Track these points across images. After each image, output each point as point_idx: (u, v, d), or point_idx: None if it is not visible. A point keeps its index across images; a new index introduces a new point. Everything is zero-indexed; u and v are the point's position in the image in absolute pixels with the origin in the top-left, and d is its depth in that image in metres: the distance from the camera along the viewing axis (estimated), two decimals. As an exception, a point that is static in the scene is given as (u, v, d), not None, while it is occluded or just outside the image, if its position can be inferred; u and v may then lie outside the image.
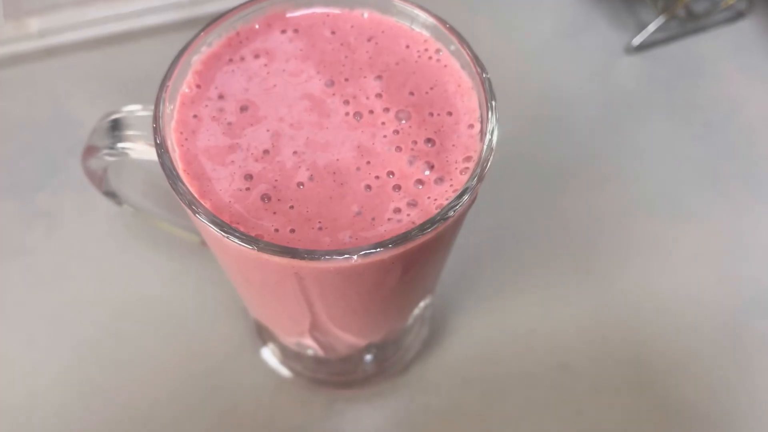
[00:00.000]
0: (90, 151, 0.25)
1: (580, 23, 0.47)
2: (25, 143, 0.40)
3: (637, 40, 0.45)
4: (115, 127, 0.25)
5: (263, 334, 0.35)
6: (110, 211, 0.38)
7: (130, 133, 0.25)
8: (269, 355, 0.35)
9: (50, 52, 0.43)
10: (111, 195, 0.28)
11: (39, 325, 0.35)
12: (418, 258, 0.22)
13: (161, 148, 0.21)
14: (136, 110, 0.25)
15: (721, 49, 0.46)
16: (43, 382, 0.34)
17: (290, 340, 0.30)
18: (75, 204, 0.39)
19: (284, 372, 0.34)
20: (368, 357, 0.35)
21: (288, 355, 0.35)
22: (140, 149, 0.24)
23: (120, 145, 0.24)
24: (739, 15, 0.47)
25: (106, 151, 0.24)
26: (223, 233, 0.19)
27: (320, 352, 0.31)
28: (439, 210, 0.20)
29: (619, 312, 0.37)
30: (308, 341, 0.29)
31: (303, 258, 0.19)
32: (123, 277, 0.37)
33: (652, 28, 0.44)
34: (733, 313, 0.37)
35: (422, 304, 0.31)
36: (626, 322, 0.37)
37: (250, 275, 0.22)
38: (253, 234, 0.20)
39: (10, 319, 0.35)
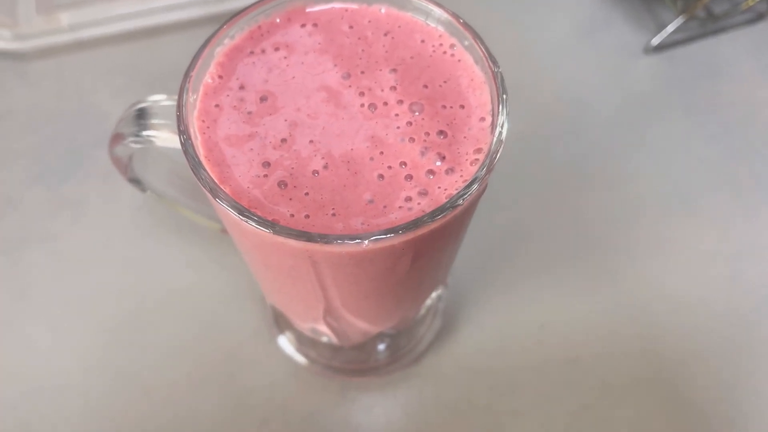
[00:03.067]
0: (116, 138, 0.26)
1: (598, 23, 0.47)
2: (52, 134, 0.42)
3: (656, 41, 0.45)
4: (141, 116, 0.26)
5: (280, 323, 0.36)
6: (134, 200, 0.39)
7: (155, 121, 0.26)
8: (285, 342, 0.36)
9: (79, 46, 0.44)
10: (135, 182, 0.29)
11: (62, 311, 0.36)
12: (428, 245, 0.22)
13: (184, 135, 0.22)
14: (161, 100, 0.26)
15: (741, 50, 0.46)
16: (65, 365, 0.35)
17: (305, 326, 0.31)
18: (100, 193, 0.40)
19: (299, 359, 0.35)
20: (381, 347, 0.36)
21: (303, 342, 0.35)
22: (164, 137, 0.25)
23: (145, 133, 0.25)
24: (759, 17, 0.47)
25: (131, 138, 0.25)
26: (242, 217, 0.20)
27: (334, 340, 0.32)
28: (448, 199, 0.21)
29: (629, 309, 0.37)
30: (322, 328, 0.30)
31: (316, 241, 0.20)
32: (145, 264, 0.38)
33: (671, 28, 0.44)
34: (746, 313, 0.37)
35: (434, 294, 0.32)
36: (637, 319, 0.37)
37: (268, 260, 0.23)
38: (269, 218, 0.21)
39: (34, 304, 0.37)
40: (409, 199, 0.22)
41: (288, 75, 0.24)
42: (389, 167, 0.22)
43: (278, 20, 0.25)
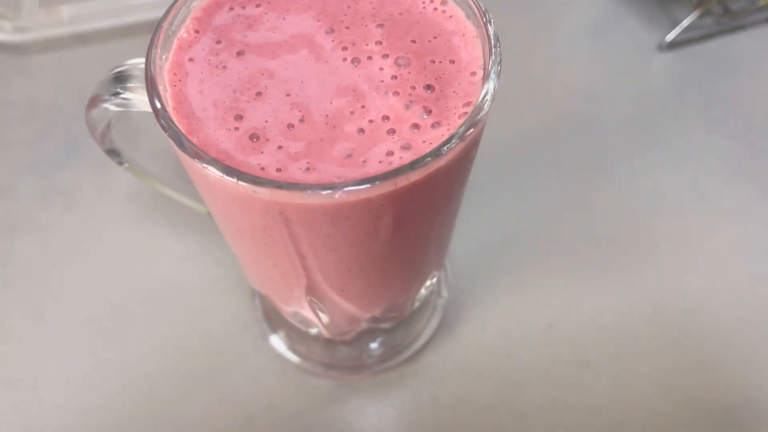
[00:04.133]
0: (93, 101, 0.25)
1: (611, 21, 0.46)
2: (49, 125, 0.41)
3: (671, 36, 0.43)
4: (119, 79, 0.24)
5: (271, 318, 0.34)
6: (126, 191, 0.38)
7: (132, 84, 0.24)
8: (276, 340, 0.34)
9: (80, 40, 0.44)
10: (113, 153, 0.28)
11: (48, 300, 0.35)
12: (410, 206, 0.20)
13: (151, 85, 0.20)
14: (139, 63, 0.24)
15: (760, 48, 0.44)
16: (49, 355, 0.33)
17: (290, 311, 0.29)
18: (92, 184, 0.39)
19: (289, 356, 0.33)
20: (375, 344, 0.34)
21: (294, 338, 0.34)
22: (143, 100, 0.24)
23: (123, 95, 0.24)
24: (780, 15, 0.45)
25: (108, 100, 0.24)
26: (205, 166, 0.19)
27: (323, 330, 0.30)
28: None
29: (644, 309, 0.35)
30: (307, 312, 0.28)
31: (283, 189, 0.18)
32: (135, 256, 0.36)
33: (686, 23, 0.43)
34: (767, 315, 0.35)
35: (428, 283, 0.30)
36: (652, 320, 0.34)
37: (239, 222, 0.22)
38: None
39: (21, 292, 0.35)
40: (390, 153, 0.20)
41: (268, 30, 0.23)
42: (370, 121, 0.20)
43: (261, -24, 0.24)
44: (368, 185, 0.18)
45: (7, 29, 0.43)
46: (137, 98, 0.24)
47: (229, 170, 0.18)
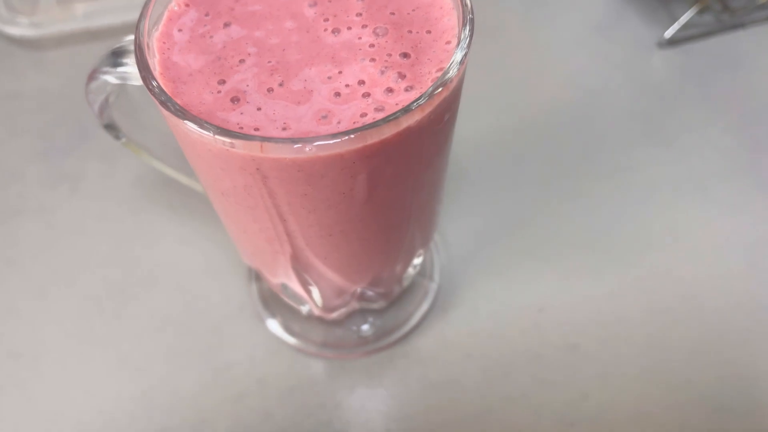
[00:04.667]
0: (92, 74, 0.26)
1: (612, 18, 0.46)
2: (60, 115, 0.42)
3: (669, 33, 0.44)
4: (117, 54, 0.26)
5: (267, 302, 0.35)
6: (129, 178, 0.39)
7: (129, 59, 0.25)
8: (271, 320, 0.34)
9: (92, 35, 0.46)
10: (111, 128, 0.29)
11: (51, 277, 0.36)
12: (382, 166, 0.21)
13: (139, 50, 0.21)
14: (135, 38, 0.26)
15: (759, 45, 0.45)
16: (50, 330, 0.35)
17: (278, 283, 0.29)
18: (97, 170, 0.40)
19: (283, 336, 0.34)
20: (366, 325, 0.34)
21: (288, 319, 0.34)
22: (137, 72, 0.25)
23: (120, 69, 0.25)
24: (781, 13, 0.46)
25: (106, 73, 0.25)
26: (185, 121, 0.20)
27: (311, 303, 0.30)
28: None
29: (636, 295, 0.35)
30: (296, 285, 0.28)
31: (255, 140, 0.19)
32: (136, 238, 0.37)
33: (684, 19, 0.43)
34: (762, 304, 0.34)
35: (415, 261, 0.31)
36: (644, 306, 0.35)
37: (222, 183, 0.22)
38: (216, 127, 0.20)
39: (25, 270, 0.36)
40: (364, 114, 0.21)
41: (254, 3, 0.24)
42: (347, 85, 0.21)
43: (250, -46, 0.25)
44: (338, 140, 0.19)
45: (24, 24, 0.44)
46: (134, 71, 0.25)
47: (206, 125, 0.19)
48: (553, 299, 0.35)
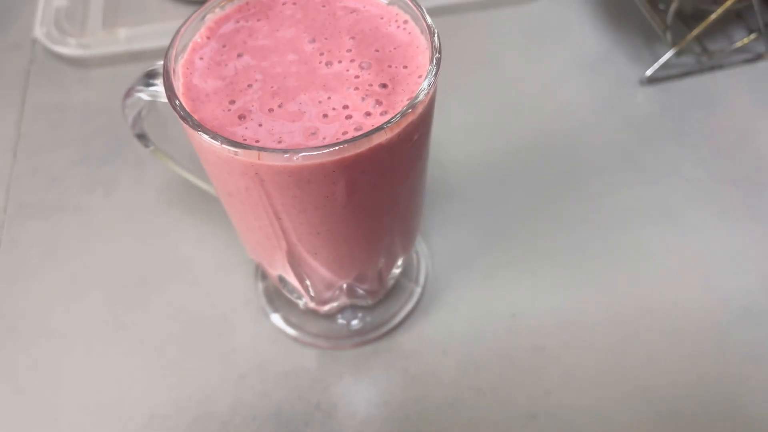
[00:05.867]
0: (129, 92, 0.31)
1: (601, 55, 0.51)
2: (99, 127, 0.48)
3: (650, 72, 0.48)
4: (150, 75, 0.31)
5: (270, 298, 0.40)
6: (156, 185, 0.45)
7: (160, 80, 0.30)
8: (272, 313, 0.39)
9: (133, 57, 0.51)
10: (141, 137, 0.34)
11: (84, 268, 0.41)
12: (360, 175, 0.25)
13: (166, 74, 0.26)
14: (166, 63, 0.31)
15: (736, 86, 0.48)
16: (79, 314, 0.39)
17: (275, 275, 0.34)
18: (130, 177, 0.45)
19: (282, 327, 0.38)
20: (355, 321, 0.38)
21: (287, 312, 0.39)
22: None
23: (152, 88, 0.30)
24: (757, 57, 0.49)
25: (140, 89, 0.30)
26: (200, 132, 0.24)
27: (306, 296, 0.35)
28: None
29: (601, 307, 0.39)
30: (292, 278, 0.33)
31: (253, 150, 0.23)
32: (160, 237, 0.42)
33: (662, 60, 0.47)
34: (716, 321, 0.38)
35: (399, 262, 0.35)
36: (607, 317, 0.38)
37: (228, 184, 0.27)
38: (224, 139, 0.25)
39: (61, 261, 0.42)
40: (345, 132, 0.25)
41: (264, 38, 0.28)
42: (333, 108, 0.26)
43: (264, -2, 0.30)
44: (320, 152, 0.24)
45: (72, 45, 0.50)
46: (163, 90, 0.30)
47: (216, 136, 0.24)
48: (525, 306, 0.39)
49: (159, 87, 0.30)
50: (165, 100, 0.30)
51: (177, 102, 0.25)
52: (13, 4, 0.56)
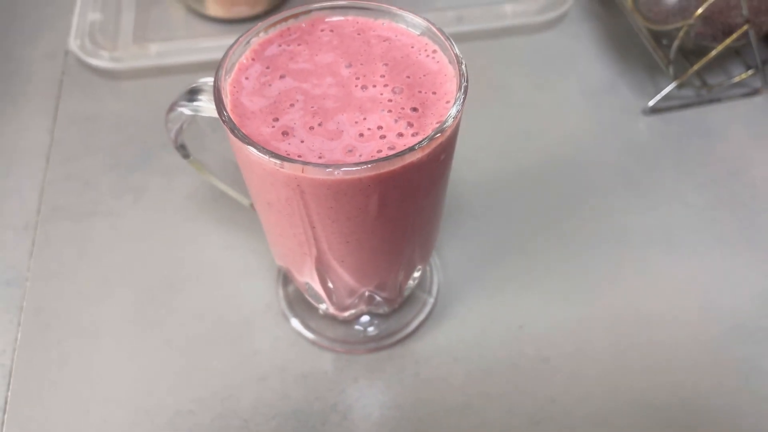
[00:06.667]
0: (172, 107, 0.34)
1: (605, 86, 0.54)
2: (130, 136, 0.50)
3: (652, 102, 0.51)
4: (192, 92, 0.33)
5: (291, 302, 0.42)
6: (184, 192, 0.47)
7: (202, 96, 0.33)
8: (293, 318, 0.41)
9: (163, 71, 0.54)
10: (182, 148, 0.36)
11: (114, 270, 0.43)
12: (392, 190, 0.28)
13: (217, 91, 0.29)
14: (208, 81, 0.33)
15: (734, 118, 0.51)
16: (109, 313, 0.42)
17: (302, 281, 0.36)
18: (158, 184, 0.48)
19: (302, 331, 0.41)
20: (371, 328, 0.41)
21: (307, 317, 0.41)
22: (209, 108, 0.33)
23: (194, 103, 0.33)
24: (755, 92, 0.52)
25: (183, 104, 0.33)
26: (249, 146, 0.27)
27: (327, 301, 0.37)
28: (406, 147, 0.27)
29: (603, 322, 0.41)
30: (317, 285, 0.35)
31: (298, 163, 0.26)
32: (186, 242, 0.45)
33: (664, 92, 0.50)
34: (714, 336, 0.40)
35: (415, 274, 0.37)
36: (609, 331, 0.41)
37: (269, 194, 0.29)
38: (270, 153, 0.27)
39: (91, 262, 0.44)
40: (380, 151, 0.28)
41: (304, 62, 0.31)
42: (368, 129, 0.28)
43: (303, 24, 0.32)
44: (358, 167, 0.26)
45: (105, 58, 0.53)
46: (204, 106, 0.33)
47: (264, 150, 0.26)
48: (532, 318, 0.41)
49: (201, 103, 0.33)
50: (206, 114, 0.33)
51: (226, 116, 0.28)
52: (48, 16, 0.59)
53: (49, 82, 0.54)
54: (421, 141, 0.27)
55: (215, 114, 0.30)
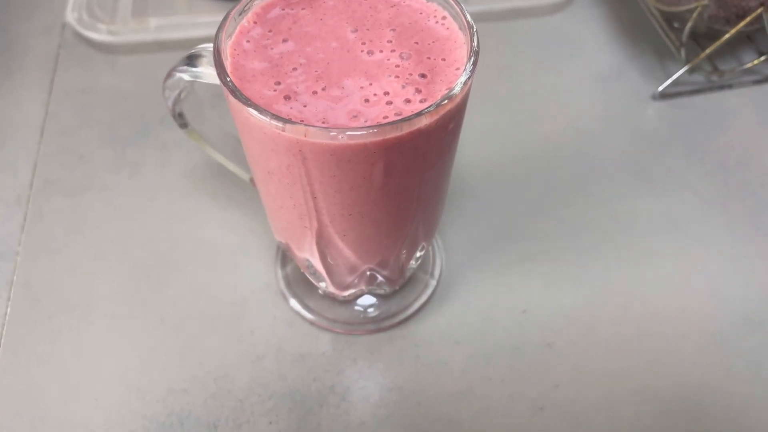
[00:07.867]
0: (170, 73, 0.32)
1: (615, 71, 0.52)
2: (126, 111, 0.49)
3: (662, 87, 0.49)
4: (191, 57, 0.32)
5: (290, 282, 0.41)
6: (181, 168, 0.46)
7: (200, 62, 0.32)
8: (291, 297, 0.40)
9: (161, 46, 0.52)
10: (179, 116, 0.35)
11: (108, 247, 0.42)
12: (396, 159, 0.27)
13: (217, 52, 0.28)
14: (208, 47, 0.32)
15: (745, 105, 0.50)
16: (102, 290, 0.40)
17: (302, 257, 0.35)
18: (155, 159, 0.46)
19: (300, 311, 0.39)
20: (371, 309, 0.40)
21: (306, 297, 0.40)
22: (208, 72, 0.31)
23: (193, 69, 0.32)
24: (766, 78, 0.51)
25: (182, 69, 0.32)
26: (248, 107, 0.26)
27: (327, 280, 0.36)
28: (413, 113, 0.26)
29: (608, 308, 0.40)
30: (317, 261, 0.34)
31: (301, 126, 0.25)
32: (183, 219, 0.44)
33: (675, 77, 0.49)
34: (721, 326, 0.39)
35: (417, 254, 0.36)
36: (614, 317, 0.40)
37: (269, 162, 0.28)
38: (271, 116, 0.26)
39: (84, 237, 0.43)
40: (386, 117, 0.27)
41: (308, 26, 0.30)
42: (375, 94, 0.27)
43: (308, -12, 0.31)
44: (364, 132, 0.25)
45: (103, 31, 0.52)
46: (203, 71, 0.32)
47: (265, 111, 0.25)
48: (536, 303, 0.40)
49: (200, 68, 0.32)
50: (205, 80, 0.32)
51: (228, 78, 0.27)
52: (45, -11, 0.57)
53: (46, 55, 0.53)
54: (429, 107, 0.26)
55: (215, 80, 0.29)
